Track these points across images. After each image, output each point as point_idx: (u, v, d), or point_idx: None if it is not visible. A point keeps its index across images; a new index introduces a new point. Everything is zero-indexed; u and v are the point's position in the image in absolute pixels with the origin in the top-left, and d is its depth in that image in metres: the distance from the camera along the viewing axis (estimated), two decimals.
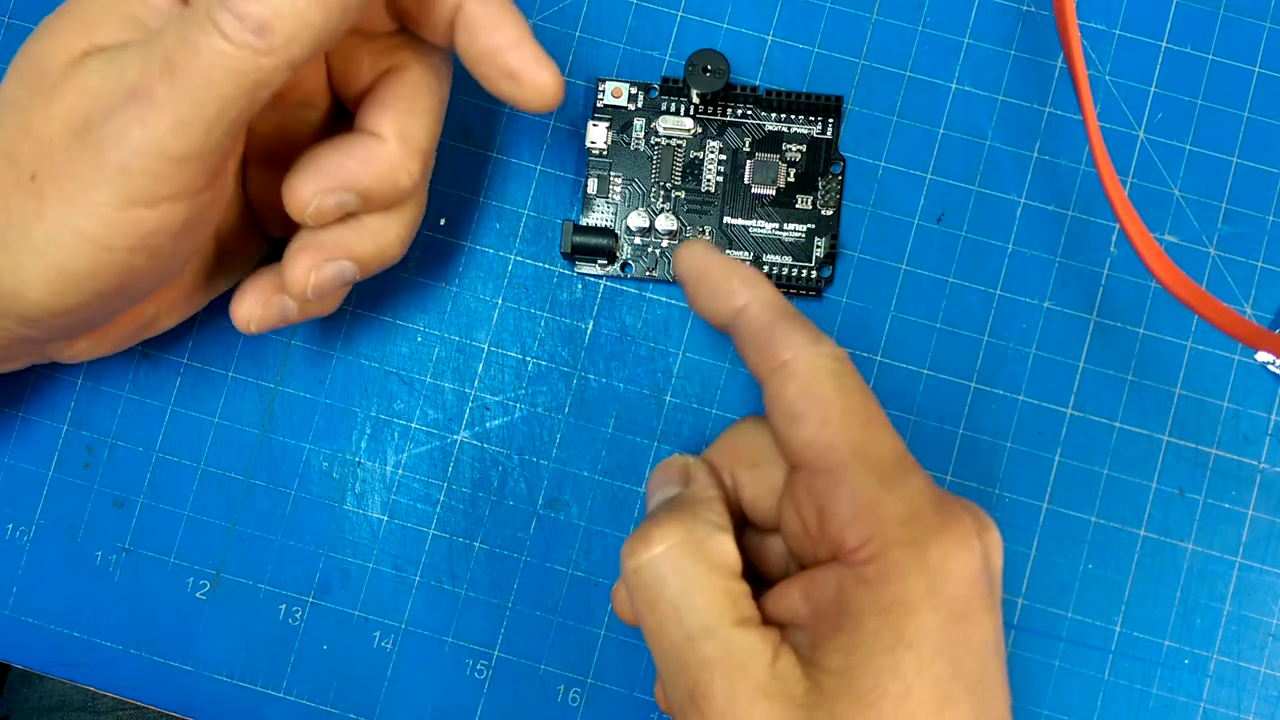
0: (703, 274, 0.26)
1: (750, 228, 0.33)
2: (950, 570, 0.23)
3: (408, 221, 0.29)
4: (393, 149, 0.27)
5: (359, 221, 0.28)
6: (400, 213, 0.29)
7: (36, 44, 0.25)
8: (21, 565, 0.33)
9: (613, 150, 0.33)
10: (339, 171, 0.27)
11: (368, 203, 0.27)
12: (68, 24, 0.25)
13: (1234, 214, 0.33)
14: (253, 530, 0.33)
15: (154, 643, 0.32)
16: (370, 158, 0.27)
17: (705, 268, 0.26)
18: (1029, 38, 0.34)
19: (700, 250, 0.27)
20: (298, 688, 0.32)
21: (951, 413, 0.33)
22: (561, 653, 0.32)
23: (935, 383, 0.33)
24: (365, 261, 0.28)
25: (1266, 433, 0.32)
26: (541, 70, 0.26)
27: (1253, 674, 0.32)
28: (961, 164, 0.33)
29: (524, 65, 0.26)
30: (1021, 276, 0.33)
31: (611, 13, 0.34)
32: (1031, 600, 0.32)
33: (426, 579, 0.32)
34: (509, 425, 0.33)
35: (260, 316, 0.28)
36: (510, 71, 0.26)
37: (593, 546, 0.32)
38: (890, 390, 0.33)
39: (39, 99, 0.24)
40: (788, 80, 0.33)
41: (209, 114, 0.23)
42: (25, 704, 0.40)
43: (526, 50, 0.26)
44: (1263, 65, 0.33)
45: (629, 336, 0.33)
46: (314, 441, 0.33)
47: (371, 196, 0.27)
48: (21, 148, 0.24)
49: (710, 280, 0.26)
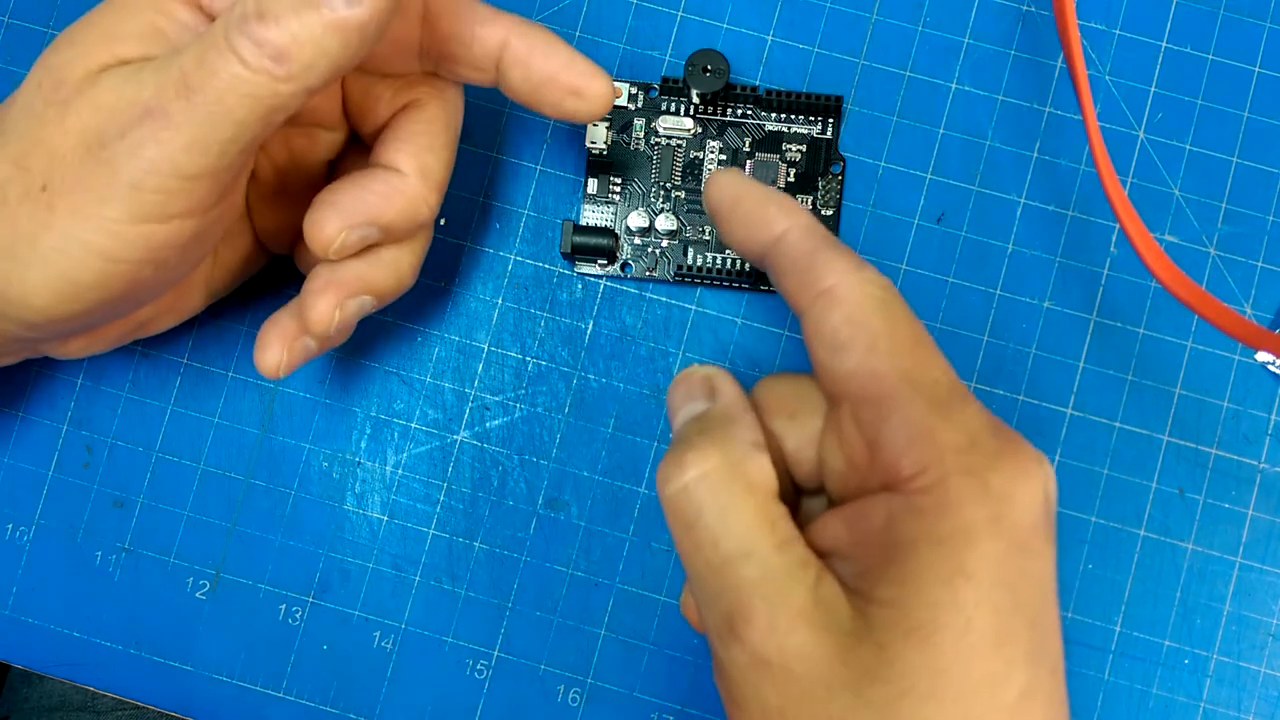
0: (736, 202, 0.26)
1: None
2: (1014, 498, 0.22)
3: (420, 250, 0.29)
4: (414, 184, 0.28)
5: (375, 254, 0.28)
6: (413, 242, 0.29)
7: (56, 54, 0.25)
8: (21, 565, 0.33)
9: (613, 150, 0.33)
10: (362, 207, 0.27)
11: (387, 235, 0.28)
12: (90, 35, 0.25)
13: (1234, 214, 0.33)
14: (253, 530, 0.33)
15: (154, 643, 0.32)
16: (393, 193, 0.27)
17: (739, 195, 0.26)
18: (1029, 38, 0.34)
19: (733, 178, 0.26)
20: (298, 688, 0.32)
21: None
22: (561, 653, 0.32)
23: None
24: (384, 293, 0.29)
25: (1266, 433, 0.32)
26: (597, 79, 0.28)
27: (1253, 674, 0.32)
28: (961, 164, 0.33)
29: (584, 80, 0.27)
30: (1021, 276, 0.33)
31: (611, 13, 0.34)
32: None
33: (426, 579, 0.32)
34: (509, 425, 0.33)
35: (287, 362, 0.28)
36: (574, 89, 0.28)
37: (593, 546, 0.32)
38: None
39: (54, 110, 0.24)
40: (787, 80, 0.33)
41: (223, 136, 0.23)
42: (25, 704, 0.40)
43: (581, 65, 0.28)
44: (1263, 65, 0.33)
45: (629, 336, 0.33)
46: (314, 441, 0.33)
47: (393, 230, 0.28)
48: (34, 158, 0.24)
49: (744, 208, 0.26)
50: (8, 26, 0.34)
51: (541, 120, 0.34)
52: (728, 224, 0.26)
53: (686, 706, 0.32)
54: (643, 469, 0.33)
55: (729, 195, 0.26)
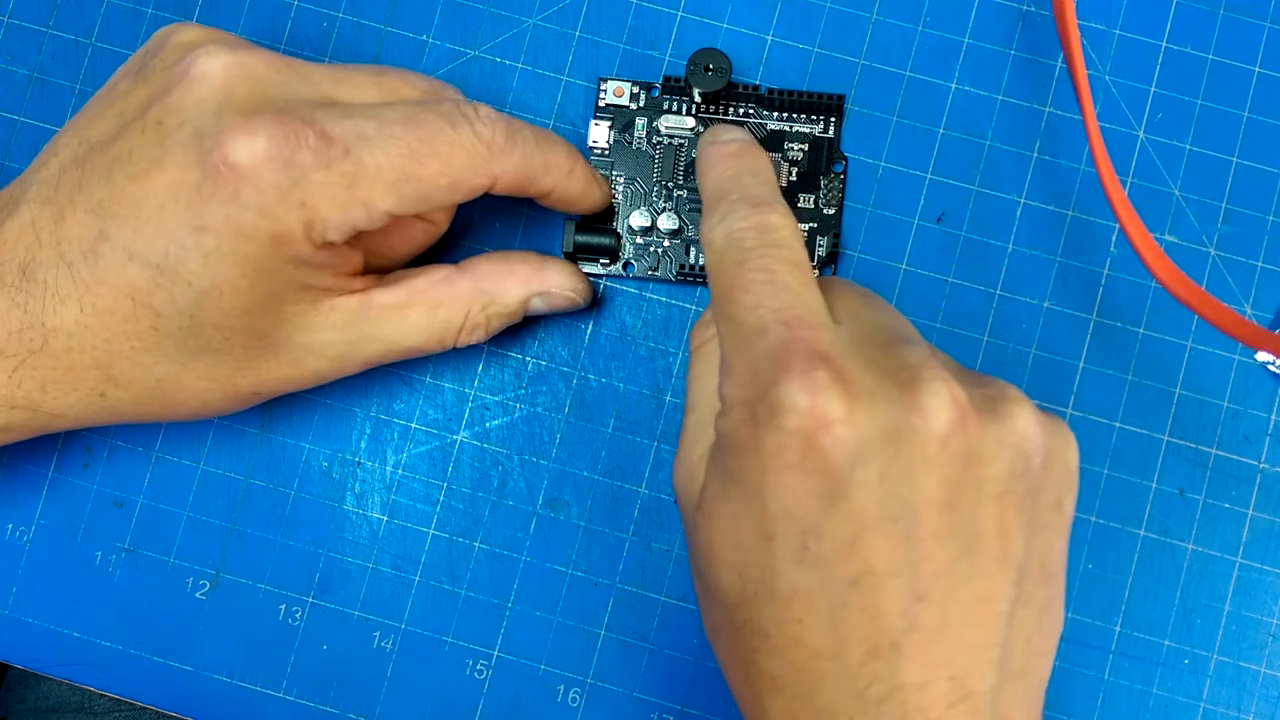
0: (699, 159, 0.29)
1: None
2: (771, 429, 0.24)
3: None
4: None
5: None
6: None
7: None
8: (21, 565, 0.33)
9: (615, 149, 0.33)
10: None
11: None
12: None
13: (1234, 214, 0.33)
14: (252, 530, 0.33)
15: (153, 643, 0.32)
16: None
17: (700, 151, 0.29)
18: (1029, 38, 0.34)
19: (707, 139, 0.29)
20: (297, 688, 0.32)
21: None
22: (561, 653, 0.32)
23: None
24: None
25: (1266, 433, 0.32)
26: (600, 190, 0.32)
27: (1253, 674, 0.32)
28: (961, 164, 0.33)
29: (593, 199, 0.32)
30: (1021, 276, 0.33)
31: (611, 13, 0.34)
32: None
33: (426, 579, 0.32)
34: (509, 425, 0.33)
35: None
36: (586, 206, 0.32)
37: (593, 546, 0.32)
38: None
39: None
40: (788, 80, 0.34)
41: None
42: (22, 705, 0.40)
43: (597, 191, 0.32)
44: (1263, 65, 0.33)
45: (629, 336, 0.33)
46: (314, 441, 0.33)
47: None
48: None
49: (698, 165, 0.29)
50: (7, 27, 0.34)
51: (541, 121, 0.34)
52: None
53: (686, 706, 0.32)
54: (643, 469, 0.33)
55: (697, 160, 0.29)
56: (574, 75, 0.34)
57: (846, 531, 0.23)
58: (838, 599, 0.23)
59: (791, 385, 0.23)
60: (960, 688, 0.23)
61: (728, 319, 0.25)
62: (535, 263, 0.31)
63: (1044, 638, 0.25)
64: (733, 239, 0.25)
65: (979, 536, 0.23)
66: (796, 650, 0.23)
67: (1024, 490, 0.24)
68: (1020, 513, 0.24)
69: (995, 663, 0.23)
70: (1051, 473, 0.25)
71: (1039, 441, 0.24)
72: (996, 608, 0.23)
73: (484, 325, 0.30)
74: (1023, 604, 0.24)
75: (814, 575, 0.23)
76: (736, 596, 0.24)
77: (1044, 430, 0.24)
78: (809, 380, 0.23)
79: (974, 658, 0.23)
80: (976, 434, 0.23)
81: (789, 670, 0.23)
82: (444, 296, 0.29)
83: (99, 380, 0.27)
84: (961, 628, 0.23)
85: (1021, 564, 0.24)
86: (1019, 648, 0.24)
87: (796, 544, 0.23)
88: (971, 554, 0.23)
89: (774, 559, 0.23)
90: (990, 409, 0.24)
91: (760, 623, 0.24)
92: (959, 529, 0.23)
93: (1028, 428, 0.24)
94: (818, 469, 0.23)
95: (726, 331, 0.25)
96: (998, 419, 0.24)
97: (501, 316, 0.30)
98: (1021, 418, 0.24)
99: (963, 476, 0.23)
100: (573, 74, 0.34)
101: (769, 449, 0.23)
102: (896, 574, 0.23)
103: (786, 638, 0.23)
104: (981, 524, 0.23)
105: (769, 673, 0.24)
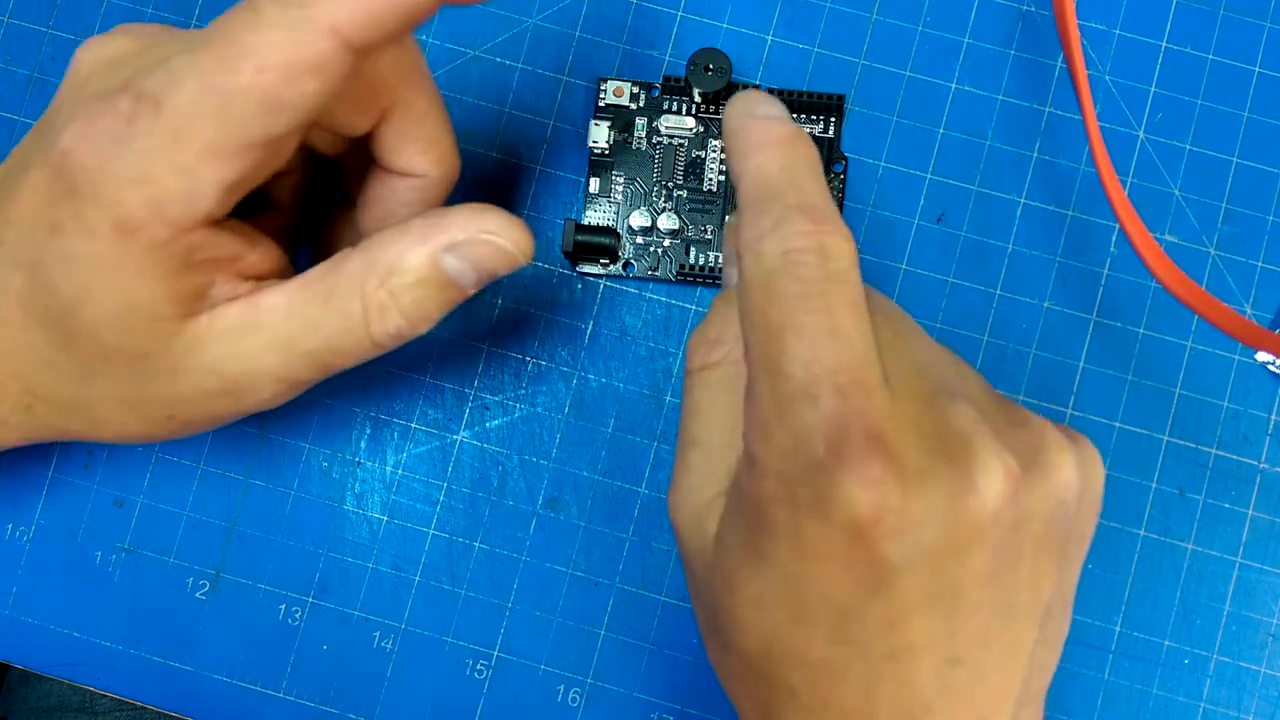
0: (727, 139, 0.25)
1: None
2: (819, 517, 0.22)
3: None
4: (442, 180, 0.28)
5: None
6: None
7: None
8: (21, 565, 0.33)
9: (615, 149, 0.33)
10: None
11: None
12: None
13: (1234, 214, 0.33)
14: (252, 530, 0.33)
15: (153, 643, 0.32)
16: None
17: (728, 130, 0.25)
18: (1029, 38, 0.34)
19: (735, 108, 0.25)
20: (297, 688, 0.32)
21: None
22: (561, 653, 0.32)
23: None
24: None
25: (1266, 433, 0.32)
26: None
27: (1253, 674, 0.32)
28: (961, 164, 0.33)
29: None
30: (1021, 276, 0.33)
31: (611, 13, 0.34)
32: None
33: (426, 579, 0.32)
34: (509, 425, 0.33)
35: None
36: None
37: (593, 546, 0.32)
38: None
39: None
40: (788, 80, 0.34)
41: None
42: (23, 705, 0.40)
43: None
44: (1263, 65, 0.33)
45: (629, 336, 0.33)
46: (313, 441, 0.33)
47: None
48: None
49: (729, 147, 0.25)
50: (7, 27, 0.34)
51: (541, 121, 0.34)
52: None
53: (686, 706, 0.32)
54: (643, 469, 0.33)
55: (726, 129, 0.24)
56: (574, 75, 0.34)
57: (889, 615, 0.21)
58: (873, 671, 0.21)
59: (846, 479, 0.20)
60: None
61: (770, 366, 0.21)
62: (436, 214, 0.25)
63: (1053, 658, 0.24)
64: (790, 261, 0.21)
65: (1014, 592, 0.22)
66: (824, 710, 0.22)
67: (1059, 536, 0.23)
68: (1053, 557, 0.23)
69: (1015, 699, 0.23)
70: (1084, 511, 0.24)
71: (1077, 488, 0.23)
72: (1024, 653, 0.23)
73: (393, 305, 0.25)
74: (1043, 641, 0.23)
75: (850, 652, 0.21)
76: (759, 655, 0.23)
77: (1080, 472, 0.23)
78: (864, 473, 0.20)
79: (998, 701, 0.22)
80: (1025, 499, 0.22)
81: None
82: (336, 281, 0.25)
83: (21, 392, 0.25)
84: (992, 680, 0.22)
85: (1048, 605, 0.23)
86: (1035, 677, 0.23)
87: (833, 625, 0.21)
88: (1007, 611, 0.22)
89: (808, 639, 0.22)
90: (1033, 462, 0.22)
91: (787, 682, 0.22)
92: (998, 593, 0.22)
93: (1070, 477, 0.23)
94: (863, 560, 0.21)
95: (765, 382, 0.21)
96: (1041, 474, 0.22)
97: (410, 289, 0.25)
98: (1065, 469, 0.23)
99: (1008, 544, 0.22)
100: (573, 74, 0.34)
101: (811, 538, 0.21)
102: (935, 648, 0.21)
103: (815, 698, 0.22)
104: (1019, 581, 0.22)
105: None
